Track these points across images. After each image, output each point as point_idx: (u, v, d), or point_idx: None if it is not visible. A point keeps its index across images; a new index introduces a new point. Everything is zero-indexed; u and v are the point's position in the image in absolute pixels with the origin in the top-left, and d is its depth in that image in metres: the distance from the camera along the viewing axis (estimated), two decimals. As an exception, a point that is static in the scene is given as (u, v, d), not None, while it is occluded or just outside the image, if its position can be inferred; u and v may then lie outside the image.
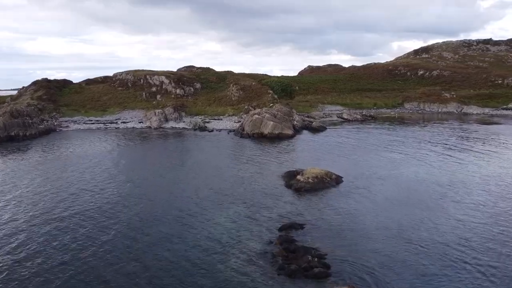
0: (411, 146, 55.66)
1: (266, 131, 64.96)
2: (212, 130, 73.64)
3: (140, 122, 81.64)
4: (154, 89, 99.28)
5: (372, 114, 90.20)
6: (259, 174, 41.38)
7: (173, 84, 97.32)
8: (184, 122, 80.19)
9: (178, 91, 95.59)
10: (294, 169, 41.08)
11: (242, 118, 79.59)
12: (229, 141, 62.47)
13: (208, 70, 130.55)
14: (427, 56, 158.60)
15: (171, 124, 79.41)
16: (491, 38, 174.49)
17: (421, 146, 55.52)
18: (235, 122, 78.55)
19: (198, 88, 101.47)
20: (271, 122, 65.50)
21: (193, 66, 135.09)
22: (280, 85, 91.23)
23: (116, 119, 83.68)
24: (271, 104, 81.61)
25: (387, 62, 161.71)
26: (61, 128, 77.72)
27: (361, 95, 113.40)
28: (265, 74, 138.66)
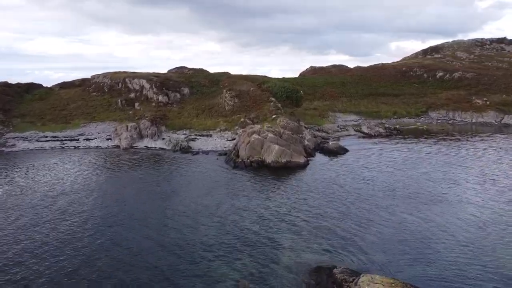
0: (501, 182, 34.99)
1: (269, 158, 44.15)
2: (197, 153, 52.77)
3: (108, 139, 60.72)
4: (132, 95, 78.27)
5: (396, 126, 69.37)
6: (260, 276, 20.67)
7: (154, 90, 76.24)
8: (163, 139, 59.24)
9: (160, 97, 74.57)
10: (330, 266, 20.51)
11: (237, 134, 58.74)
12: (216, 175, 41.60)
13: (201, 71, 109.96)
14: (439, 56, 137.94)
15: (146, 142, 58.47)
16: (505, 37, 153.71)
17: None
18: (227, 139, 57.71)
19: (186, 93, 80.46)
20: (276, 146, 44.65)
21: (184, 67, 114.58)
22: (284, 90, 70.52)
23: (79, 135, 62.70)
24: (273, 116, 60.81)
25: (398, 62, 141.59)
26: (3, 148, 56.74)
27: (376, 100, 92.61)
28: (265, 76, 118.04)
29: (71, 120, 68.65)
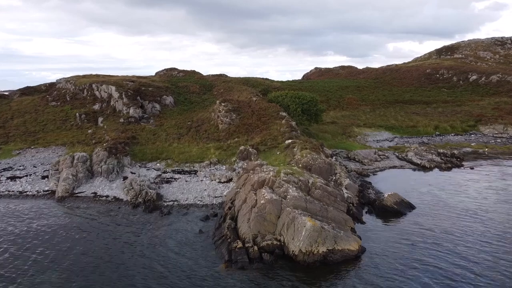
0: None
1: (294, 244, 21.97)
2: (169, 211, 30.33)
3: (44, 177, 38.44)
4: (97, 106, 55.87)
5: (454, 152, 47.11)
6: None
7: (125, 100, 53.85)
8: (124, 179, 36.96)
9: (131, 111, 52.18)
10: None
11: (234, 171, 36.70)
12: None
13: (192, 74, 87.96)
14: (461, 56, 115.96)
15: (97, 185, 36.09)
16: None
17: None
18: (220, 181, 35.51)
19: (169, 103, 58.20)
20: (307, 221, 22.30)
21: (174, 69, 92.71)
22: (299, 102, 48.14)
23: (4, 170, 40.26)
24: (287, 141, 38.86)
25: (414, 63, 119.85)
26: None
27: (405, 110, 70.73)
28: (266, 79, 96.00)
29: (4, 145, 46.20)
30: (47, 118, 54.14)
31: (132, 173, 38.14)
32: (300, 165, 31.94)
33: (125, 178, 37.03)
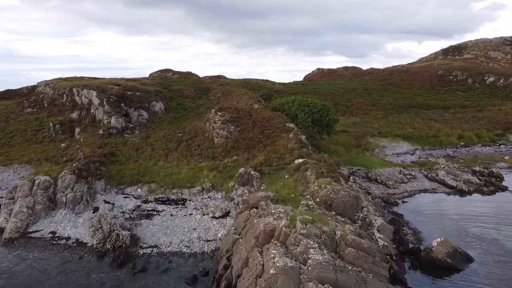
0: None
1: None
2: (144, 266, 22.17)
3: (-4, 208, 30.23)
4: (75, 114, 47.62)
5: (493, 170, 39.01)
6: None
7: (106, 107, 45.52)
8: (95, 210, 28.80)
9: (113, 120, 43.81)
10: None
11: (232, 201, 28.64)
12: None
13: (188, 75, 79.69)
14: (470, 56, 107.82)
15: (58, 220, 27.83)
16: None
17: None
18: (214, 216, 27.34)
19: (159, 111, 49.98)
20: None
21: (169, 70, 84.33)
22: (308, 111, 39.79)
23: (-51, 197, 32.08)
24: (297, 160, 30.78)
25: (422, 64, 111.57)
26: None
27: (420, 116, 62.59)
28: (267, 80, 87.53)
29: (-43, 163, 37.93)
30: (17, 128, 45.95)
31: (105, 202, 29.97)
32: (317, 199, 23.89)
33: (95, 209, 28.89)
